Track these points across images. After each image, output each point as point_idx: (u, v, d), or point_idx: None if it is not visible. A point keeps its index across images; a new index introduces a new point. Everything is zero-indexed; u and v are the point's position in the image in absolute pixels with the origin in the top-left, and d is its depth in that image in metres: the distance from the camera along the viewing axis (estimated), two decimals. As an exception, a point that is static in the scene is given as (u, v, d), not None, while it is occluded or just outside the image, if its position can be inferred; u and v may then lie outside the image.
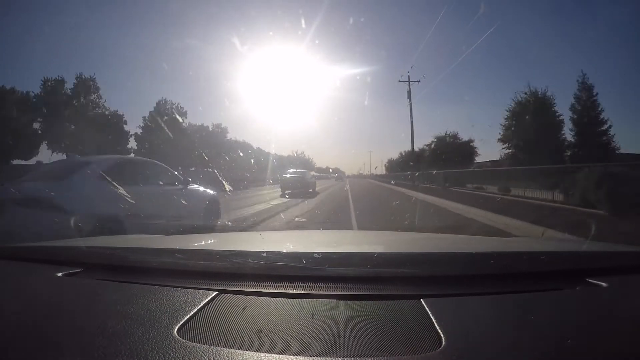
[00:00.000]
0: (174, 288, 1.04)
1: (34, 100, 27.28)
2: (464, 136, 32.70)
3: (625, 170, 8.10)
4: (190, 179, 5.96)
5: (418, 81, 26.28)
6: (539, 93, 22.88)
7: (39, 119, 27.47)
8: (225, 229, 6.51)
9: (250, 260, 1.14)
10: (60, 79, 28.45)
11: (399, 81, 27.21)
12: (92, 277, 1.18)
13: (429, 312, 0.86)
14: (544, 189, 10.51)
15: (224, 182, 11.06)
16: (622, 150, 23.85)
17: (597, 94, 24.08)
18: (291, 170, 18.07)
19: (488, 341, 0.77)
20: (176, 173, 5.79)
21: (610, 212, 6.92)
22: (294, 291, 1.01)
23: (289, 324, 0.84)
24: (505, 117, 23.73)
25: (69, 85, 29.31)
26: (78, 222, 2.77)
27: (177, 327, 0.81)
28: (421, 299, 0.93)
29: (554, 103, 22.48)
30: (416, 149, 31.15)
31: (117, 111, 32.45)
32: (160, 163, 5.76)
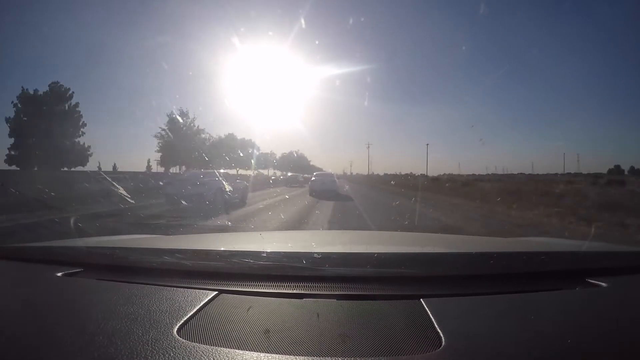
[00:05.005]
0: (174, 288, 1.04)
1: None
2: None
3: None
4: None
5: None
6: None
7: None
8: (225, 229, 6.52)
9: (250, 260, 1.14)
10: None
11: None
12: (92, 277, 1.18)
13: (429, 312, 0.86)
14: None
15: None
16: None
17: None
18: (317, 172, 21.31)
19: (488, 341, 0.77)
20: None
21: None
22: (294, 291, 1.01)
23: (289, 323, 0.83)
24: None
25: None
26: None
27: (177, 327, 0.81)
28: (421, 299, 0.93)
29: None
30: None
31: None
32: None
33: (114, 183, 12.53)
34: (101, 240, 1.75)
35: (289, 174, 42.26)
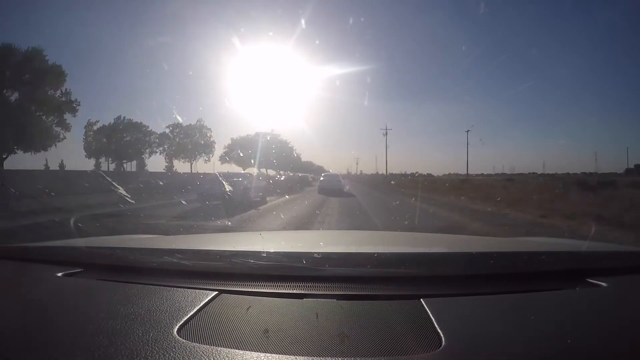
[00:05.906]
0: (174, 288, 1.04)
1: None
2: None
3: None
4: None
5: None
6: None
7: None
8: (225, 229, 6.52)
9: (250, 261, 1.14)
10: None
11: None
12: (92, 277, 1.18)
13: (429, 312, 0.86)
14: None
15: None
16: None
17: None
18: (324, 173, 24.86)
19: (488, 341, 0.77)
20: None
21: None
22: (294, 291, 1.01)
23: (289, 324, 0.84)
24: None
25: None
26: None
27: (177, 327, 0.81)
28: (421, 299, 0.93)
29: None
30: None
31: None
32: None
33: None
34: (101, 240, 1.75)
35: (292, 174, 34.58)
